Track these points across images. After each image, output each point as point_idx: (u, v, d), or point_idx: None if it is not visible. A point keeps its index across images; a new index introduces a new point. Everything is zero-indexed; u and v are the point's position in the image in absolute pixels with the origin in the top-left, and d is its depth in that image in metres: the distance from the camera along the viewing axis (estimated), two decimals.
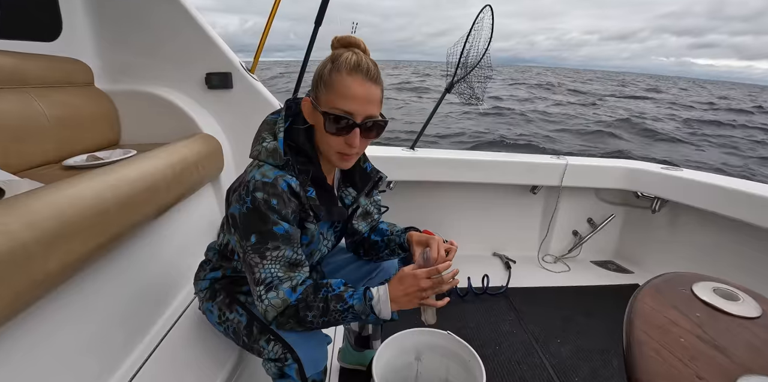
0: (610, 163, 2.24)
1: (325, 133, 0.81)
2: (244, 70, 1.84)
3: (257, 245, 0.79)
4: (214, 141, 1.67)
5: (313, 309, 0.79)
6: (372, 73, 0.79)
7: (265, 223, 0.78)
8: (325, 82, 0.79)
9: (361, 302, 0.80)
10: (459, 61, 2.22)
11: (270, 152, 0.82)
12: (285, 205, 0.79)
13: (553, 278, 2.16)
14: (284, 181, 0.80)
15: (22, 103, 1.33)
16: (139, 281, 1.12)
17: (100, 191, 0.92)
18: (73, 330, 0.88)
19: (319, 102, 0.81)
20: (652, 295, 0.69)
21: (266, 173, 0.80)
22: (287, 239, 0.80)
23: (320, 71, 0.81)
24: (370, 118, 0.81)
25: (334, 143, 0.82)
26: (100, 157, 1.38)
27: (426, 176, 2.15)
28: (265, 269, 0.79)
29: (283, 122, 0.86)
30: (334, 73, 0.78)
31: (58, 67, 1.57)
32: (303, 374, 0.85)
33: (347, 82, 0.78)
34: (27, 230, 0.72)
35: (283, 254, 0.80)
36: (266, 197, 0.78)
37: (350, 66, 0.78)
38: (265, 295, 0.79)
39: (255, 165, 0.84)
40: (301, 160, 0.85)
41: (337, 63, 0.78)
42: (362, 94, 0.78)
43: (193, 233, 1.46)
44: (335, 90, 0.78)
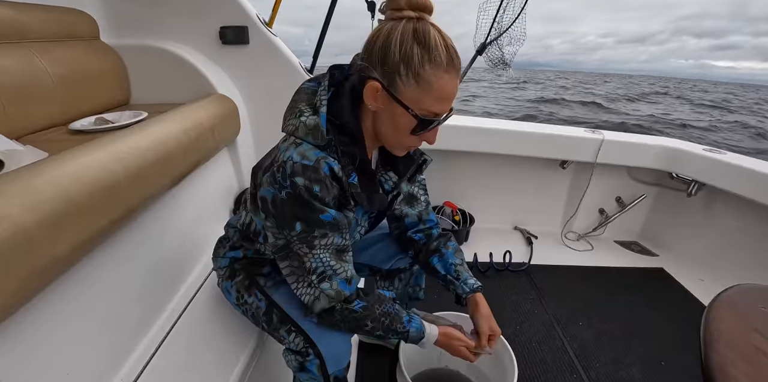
0: (648, 140, 2.09)
1: (404, 132, 0.73)
2: (261, 24, 1.68)
3: (303, 233, 0.72)
4: (230, 102, 1.56)
5: (376, 321, 0.80)
6: (459, 65, 0.70)
7: (310, 211, 0.70)
8: (416, 74, 0.66)
9: (418, 333, 0.85)
10: (494, 20, 2.03)
11: (310, 129, 0.71)
12: (328, 191, 0.70)
13: (576, 256, 2.09)
14: (326, 164, 0.70)
15: (23, 59, 1.23)
16: (154, 257, 1.07)
17: (108, 163, 0.84)
18: (88, 312, 0.83)
19: (402, 95, 0.68)
20: (729, 312, 0.60)
21: (306, 154, 0.69)
22: (335, 225, 0.73)
23: (405, 55, 0.65)
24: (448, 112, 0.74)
25: (409, 141, 0.75)
26: (108, 119, 1.29)
27: (450, 145, 2.03)
28: (316, 258, 0.73)
29: (326, 93, 0.73)
30: (430, 68, 0.66)
31: (61, 19, 1.43)
32: (325, 370, 0.80)
33: (444, 81, 0.67)
34: (29, 213, 0.64)
35: (332, 241, 0.74)
36: (308, 183, 0.68)
37: (446, 58, 0.66)
38: (318, 284, 0.74)
39: (292, 143, 0.72)
40: (344, 140, 0.74)
41: (429, 50, 0.65)
42: (454, 94, 0.71)
43: (210, 202, 1.40)
44: (431, 90, 0.67)
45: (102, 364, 0.85)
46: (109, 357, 0.87)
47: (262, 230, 0.86)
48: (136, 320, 0.97)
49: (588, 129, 2.13)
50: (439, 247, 1.02)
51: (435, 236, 1.04)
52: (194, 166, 1.23)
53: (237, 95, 1.67)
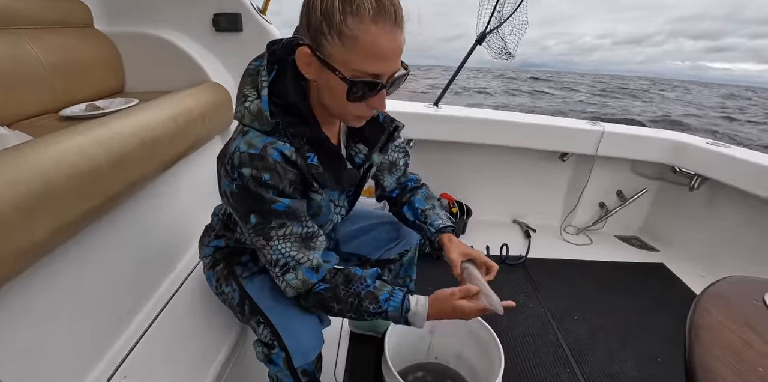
0: (651, 133, 2.05)
1: (341, 99, 0.65)
2: (255, 11, 1.65)
3: (259, 225, 0.70)
4: (223, 90, 1.54)
5: (341, 302, 0.73)
6: (398, 13, 0.60)
7: (262, 202, 0.68)
8: (339, 31, 0.58)
9: (397, 311, 0.74)
10: (494, 8, 1.99)
11: (254, 115, 0.67)
12: (280, 178, 0.67)
13: (574, 250, 2.07)
14: (275, 150, 0.66)
15: (14, 46, 1.21)
16: (141, 244, 1.06)
17: (89, 146, 0.83)
18: (70, 297, 0.83)
19: (330, 58, 0.61)
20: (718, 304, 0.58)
21: (252, 142, 0.66)
22: (291, 214, 0.70)
23: (325, 11, 0.58)
24: (395, 72, 0.65)
25: (353, 109, 0.67)
26: (99, 106, 1.28)
27: (449, 136, 2.01)
28: (274, 250, 0.70)
29: (266, 73, 0.68)
30: (351, 20, 0.58)
31: (53, 6, 1.42)
32: (290, 363, 0.78)
33: (373, 35, 0.58)
34: (5, 195, 0.64)
35: (291, 230, 0.71)
36: (255, 172, 0.65)
37: (373, 7, 0.57)
38: (282, 277, 0.72)
39: (239, 131, 0.69)
40: (292, 121, 0.69)
41: (350, 2, 0.57)
42: (393, 49, 0.61)
43: (199, 190, 1.39)
44: (358, 47, 0.59)
45: (85, 351, 0.85)
46: (91, 344, 0.87)
47: None
48: (121, 307, 0.96)
49: (589, 121, 2.10)
50: (410, 197, 0.99)
51: (408, 188, 1.01)
52: (183, 153, 1.22)
53: (230, 83, 1.66)
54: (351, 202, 0.93)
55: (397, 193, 1.02)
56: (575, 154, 2.10)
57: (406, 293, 0.76)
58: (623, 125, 2.12)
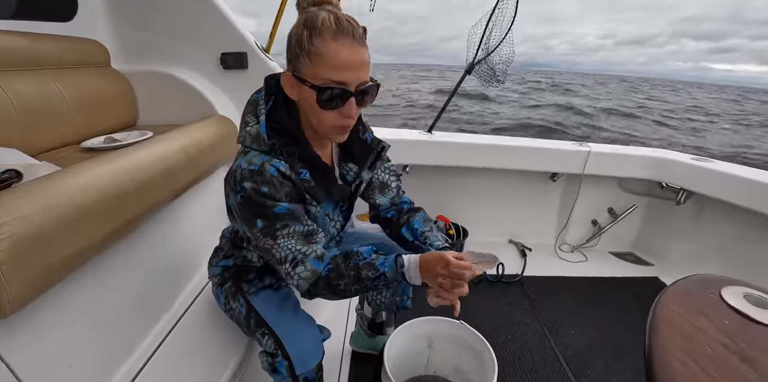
0: (635, 151, 2.16)
1: (317, 109, 0.75)
2: (259, 50, 1.80)
3: (265, 228, 0.78)
4: (229, 123, 1.66)
5: (345, 277, 0.80)
6: (358, 33, 0.72)
7: (264, 208, 0.76)
8: (307, 51, 0.71)
9: (393, 270, 0.80)
10: (480, 41, 2.14)
11: (254, 137, 0.78)
12: (277, 190, 0.76)
13: (570, 267, 2.12)
14: (272, 167, 0.76)
15: (41, 84, 1.34)
16: (155, 264, 1.14)
17: (115, 175, 0.93)
18: (90, 313, 0.90)
19: (304, 75, 0.73)
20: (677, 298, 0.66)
21: (252, 160, 0.76)
22: (292, 215, 0.79)
23: (297, 39, 0.72)
24: (363, 84, 0.75)
25: (328, 118, 0.76)
26: (117, 139, 1.38)
27: (443, 161, 2.11)
28: (282, 247, 0.78)
29: (264, 102, 0.80)
30: (316, 40, 0.70)
31: (75, 48, 1.56)
32: (293, 371, 0.85)
33: (334, 48, 0.70)
34: (44, 215, 0.72)
35: (294, 229, 0.79)
36: (255, 185, 0.75)
37: (332, 29, 0.70)
38: (293, 271, 0.79)
39: (241, 151, 0.80)
40: (286, 141, 0.79)
41: (315, 28, 0.70)
42: (353, 60, 0.71)
43: (208, 215, 1.47)
44: (322, 60, 0.70)
45: (102, 362, 0.91)
46: (107, 359, 0.93)
47: (244, 235, 0.92)
48: (136, 323, 1.03)
49: (575, 142, 2.20)
50: (408, 219, 1.05)
51: (405, 210, 1.08)
52: (194, 181, 1.31)
53: (236, 116, 1.78)
54: (345, 216, 1.01)
55: (392, 213, 1.08)
56: (565, 174, 2.19)
57: (398, 255, 0.83)
58: (609, 145, 2.23)
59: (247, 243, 0.95)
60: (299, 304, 0.99)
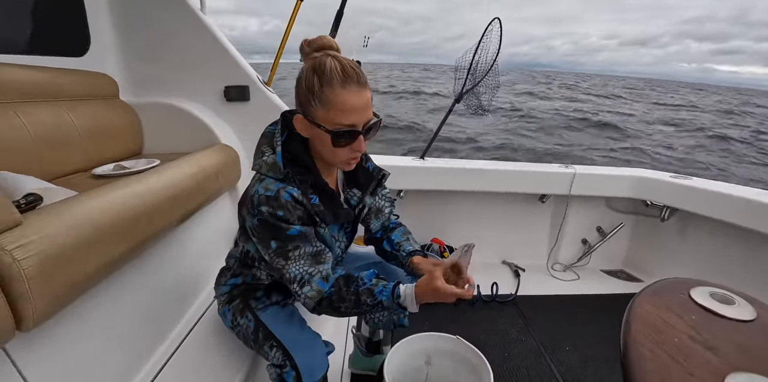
0: (618, 172, 2.26)
1: (330, 147, 0.83)
2: (260, 84, 1.92)
3: (278, 249, 0.84)
4: (232, 151, 1.74)
5: (346, 301, 0.86)
6: (361, 78, 0.80)
7: (278, 230, 0.83)
8: (319, 98, 0.79)
9: (389, 299, 0.86)
10: (468, 72, 2.28)
11: (270, 166, 0.85)
12: (291, 213, 0.83)
13: (563, 286, 2.17)
14: (287, 193, 0.83)
15: (55, 114, 1.42)
16: (163, 284, 1.18)
17: (129, 199, 0.99)
18: (103, 330, 0.94)
19: (316, 118, 0.81)
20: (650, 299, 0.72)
21: (269, 187, 0.83)
22: (303, 237, 0.86)
23: (308, 86, 0.79)
24: (369, 121, 0.83)
25: (341, 153, 0.85)
26: (126, 166, 1.46)
27: (436, 185, 2.19)
28: (292, 268, 0.85)
29: (279, 135, 0.88)
30: (326, 89, 0.77)
31: (87, 81, 1.66)
32: (300, 381, 0.89)
33: (343, 96, 0.78)
34: (67, 235, 0.78)
35: (304, 250, 0.85)
36: (272, 210, 0.82)
37: (340, 77, 0.77)
38: (300, 290, 0.85)
39: (257, 179, 0.87)
40: (299, 170, 0.87)
41: (324, 76, 0.77)
42: (360, 104, 0.80)
43: (213, 238, 1.53)
44: (334, 106, 0.78)
45: (111, 378, 0.94)
46: (118, 372, 0.96)
47: (257, 254, 0.98)
48: (144, 341, 1.06)
49: (561, 164, 2.31)
50: (389, 235, 1.13)
51: (390, 228, 1.16)
52: (200, 206, 1.38)
53: (238, 145, 1.87)
54: (349, 238, 1.10)
55: (380, 233, 1.17)
56: (553, 195, 2.28)
57: (396, 284, 0.89)
58: (592, 166, 2.34)
59: (258, 262, 1.01)
60: (305, 321, 1.04)
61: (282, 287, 1.07)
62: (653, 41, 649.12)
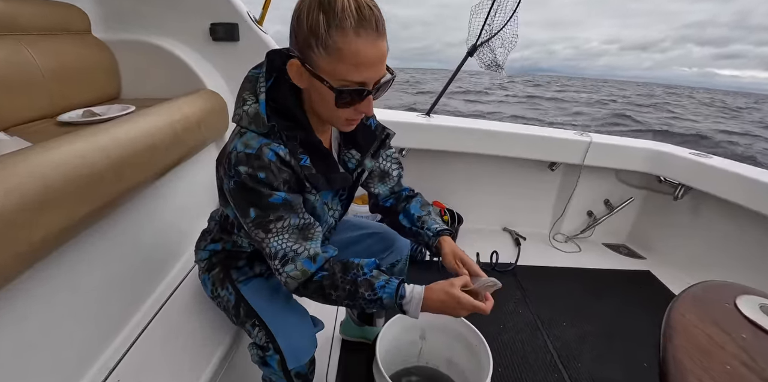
0: (636, 143, 2.11)
1: (331, 106, 0.68)
2: (251, 21, 1.69)
3: (258, 219, 0.72)
4: (219, 98, 1.57)
5: (339, 289, 0.74)
6: (380, 23, 0.63)
7: (259, 196, 0.71)
8: (324, 44, 0.62)
9: (392, 299, 0.74)
10: (485, 22, 2.05)
11: (252, 118, 0.71)
12: (275, 176, 0.70)
13: (563, 257, 2.10)
14: (270, 151, 0.69)
15: (12, 51, 1.23)
16: (138, 248, 1.08)
17: (88, 152, 0.85)
18: (67, 300, 0.84)
19: (318, 69, 0.65)
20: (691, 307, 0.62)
21: (249, 143, 0.70)
22: (288, 206, 0.73)
23: (311, 26, 0.62)
24: (381, 78, 0.68)
25: (342, 113, 0.71)
26: (96, 112, 1.29)
27: (440, 145, 2.05)
28: (273, 242, 0.73)
29: (264, 80, 0.72)
30: (335, 33, 0.61)
31: (52, 13, 1.44)
32: (285, 365, 0.80)
33: (356, 45, 0.61)
34: (7, 196, 0.65)
35: (289, 222, 0.73)
36: (251, 171, 0.69)
37: (354, 20, 0.60)
38: (282, 268, 0.74)
39: (237, 132, 0.73)
40: (287, 124, 0.73)
41: (333, 15, 0.60)
42: (376, 57, 0.64)
43: (196, 195, 1.41)
44: (343, 58, 0.62)
45: (78, 354, 0.86)
46: (85, 348, 0.87)
47: (236, 220, 0.86)
48: (115, 311, 0.97)
49: (577, 131, 2.15)
50: (405, 206, 1.00)
51: (403, 197, 1.03)
52: (180, 159, 1.24)
53: (226, 91, 1.68)
54: (344, 206, 0.96)
55: (391, 202, 1.03)
56: (564, 163, 2.15)
57: (401, 282, 0.76)
58: (609, 136, 2.18)
59: (237, 229, 0.89)
60: (291, 295, 0.94)
61: None
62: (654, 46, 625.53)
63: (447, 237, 0.95)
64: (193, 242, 1.04)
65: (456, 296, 0.75)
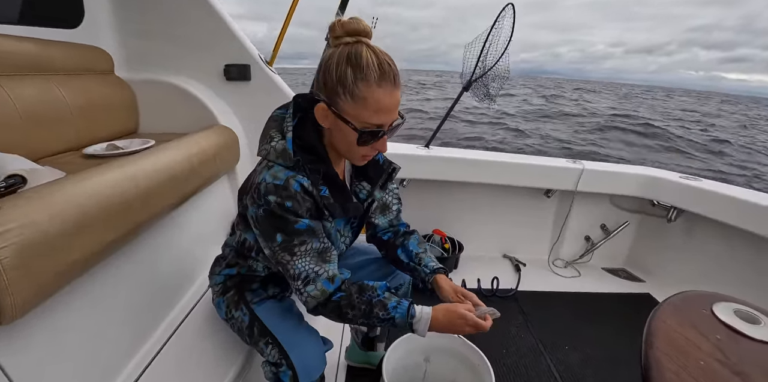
0: (627, 169, 2.21)
1: (353, 144, 0.79)
2: (262, 63, 1.83)
3: (284, 243, 0.79)
4: (231, 133, 1.67)
5: (356, 309, 0.81)
6: (397, 76, 0.75)
7: (286, 223, 0.78)
8: (351, 92, 0.73)
9: (404, 318, 0.82)
10: (478, 59, 2.20)
11: (279, 153, 0.80)
12: (300, 205, 0.79)
13: (563, 282, 2.14)
14: (296, 182, 0.78)
15: (45, 89, 1.34)
16: (157, 271, 1.13)
17: (120, 182, 0.93)
18: (91, 319, 0.89)
19: (343, 113, 0.76)
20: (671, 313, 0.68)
21: (277, 175, 0.78)
22: (311, 232, 0.81)
23: (340, 77, 0.73)
24: (394, 120, 0.80)
25: (361, 151, 0.81)
26: (119, 146, 1.39)
27: (439, 175, 2.14)
28: (297, 264, 0.80)
29: (291, 120, 0.83)
30: (361, 85, 0.72)
31: (80, 55, 1.57)
32: (297, 381, 0.85)
33: (379, 95, 0.73)
34: (50, 222, 0.73)
35: (311, 246, 0.81)
36: (279, 200, 0.77)
37: (377, 74, 0.72)
38: (303, 289, 0.80)
39: (265, 166, 0.81)
40: (311, 158, 0.82)
41: (359, 70, 0.72)
42: (393, 105, 0.76)
43: (210, 223, 1.47)
44: (366, 105, 0.74)
45: (99, 370, 0.89)
46: (106, 364, 0.91)
47: (255, 244, 0.93)
48: (135, 330, 1.02)
49: (569, 159, 2.25)
50: (403, 241, 1.08)
51: (401, 232, 1.11)
52: (196, 189, 1.31)
53: (238, 127, 1.79)
54: (354, 233, 1.04)
55: (389, 236, 1.11)
56: (559, 190, 2.23)
57: (411, 303, 0.85)
58: (601, 163, 2.28)
59: (255, 253, 0.96)
60: (302, 315, 0.99)
61: (279, 280, 1.02)
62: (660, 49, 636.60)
63: (443, 275, 1.02)
64: (207, 268, 1.10)
65: (461, 313, 0.83)
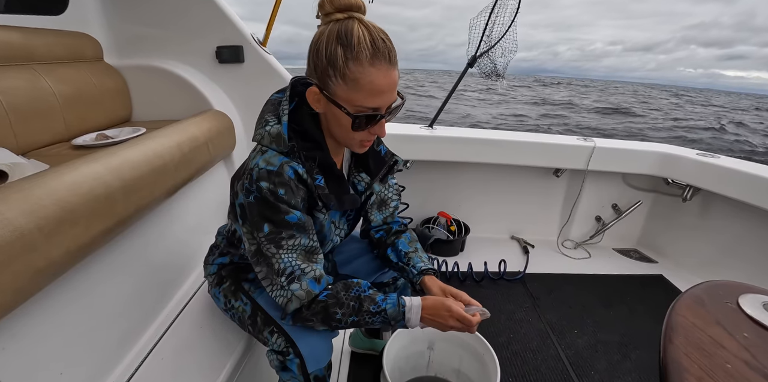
0: (641, 146, 2.11)
1: (347, 129, 0.74)
2: (256, 44, 1.76)
3: (271, 235, 0.75)
4: (226, 118, 1.62)
5: (344, 307, 0.78)
6: (392, 54, 0.69)
7: (276, 212, 0.74)
8: (342, 74, 0.68)
9: (395, 308, 0.79)
10: (483, 33, 2.09)
11: (273, 137, 0.75)
12: (293, 194, 0.75)
13: (573, 264, 2.09)
14: (290, 168, 0.74)
15: (29, 80, 1.30)
16: (150, 264, 1.11)
17: (102, 174, 0.89)
18: (82, 315, 0.87)
19: (336, 96, 0.71)
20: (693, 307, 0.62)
21: (270, 160, 0.74)
22: (301, 226, 0.77)
23: (330, 57, 0.68)
24: (392, 103, 0.74)
25: (357, 135, 0.76)
26: (109, 135, 1.35)
27: (444, 156, 2.07)
28: (283, 259, 0.76)
29: (288, 103, 0.78)
30: (352, 65, 0.67)
31: (66, 42, 1.52)
32: (305, 369, 0.82)
33: (372, 76, 0.68)
34: (26, 218, 0.69)
35: (299, 242, 0.77)
36: (272, 187, 0.73)
37: (369, 52, 0.66)
38: (287, 286, 0.76)
39: (258, 151, 0.78)
40: (307, 145, 0.78)
41: (350, 48, 0.66)
42: (389, 86, 0.70)
43: (205, 213, 1.44)
44: (359, 87, 0.68)
45: (94, 366, 0.88)
46: (101, 360, 0.90)
47: (243, 236, 0.89)
48: (129, 325, 1.00)
49: (580, 137, 2.16)
50: (394, 240, 1.04)
51: (393, 230, 1.06)
52: (189, 178, 1.27)
53: (233, 111, 1.74)
54: (350, 226, 1.00)
55: (381, 234, 1.07)
56: (569, 169, 2.15)
57: (399, 294, 0.82)
58: (612, 140, 2.19)
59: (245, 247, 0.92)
60: None
61: None
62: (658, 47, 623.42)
63: (431, 276, 0.97)
64: (203, 258, 1.07)
65: (447, 305, 0.79)
